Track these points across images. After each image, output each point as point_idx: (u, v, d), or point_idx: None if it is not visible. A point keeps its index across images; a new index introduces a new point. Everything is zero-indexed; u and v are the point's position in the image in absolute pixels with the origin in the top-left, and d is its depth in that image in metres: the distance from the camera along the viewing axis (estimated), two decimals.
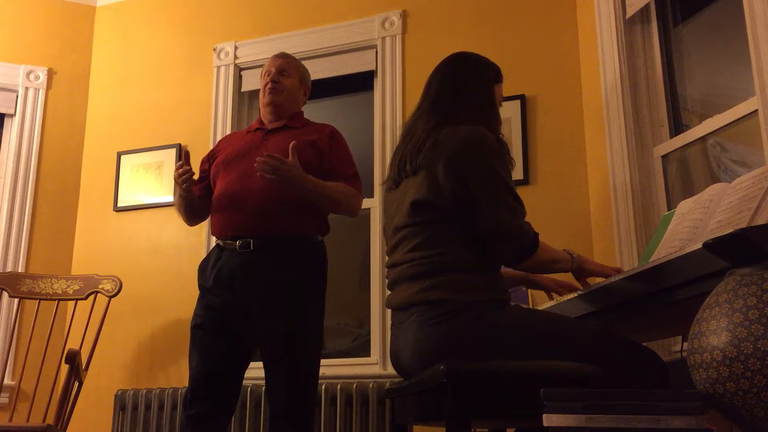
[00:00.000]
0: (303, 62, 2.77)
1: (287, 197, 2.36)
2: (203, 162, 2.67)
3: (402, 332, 1.93)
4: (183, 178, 2.41)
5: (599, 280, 2.01)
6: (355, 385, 2.98)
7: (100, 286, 3.27)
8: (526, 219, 1.91)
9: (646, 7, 2.92)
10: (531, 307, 2.75)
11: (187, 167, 2.41)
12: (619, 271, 2.03)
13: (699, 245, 1.41)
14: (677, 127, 2.81)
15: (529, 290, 2.92)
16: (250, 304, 2.34)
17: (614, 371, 1.75)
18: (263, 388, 2.88)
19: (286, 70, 2.62)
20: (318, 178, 2.38)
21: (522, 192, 2.96)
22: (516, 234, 1.86)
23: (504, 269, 2.03)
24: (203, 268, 2.46)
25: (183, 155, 2.44)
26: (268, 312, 2.32)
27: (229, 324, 2.37)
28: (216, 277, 2.40)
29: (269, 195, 2.36)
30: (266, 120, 2.61)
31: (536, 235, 1.91)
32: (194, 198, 2.55)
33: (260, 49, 3.76)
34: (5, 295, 3.41)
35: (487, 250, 1.87)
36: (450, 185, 1.87)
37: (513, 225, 1.86)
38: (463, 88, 2.04)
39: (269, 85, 2.58)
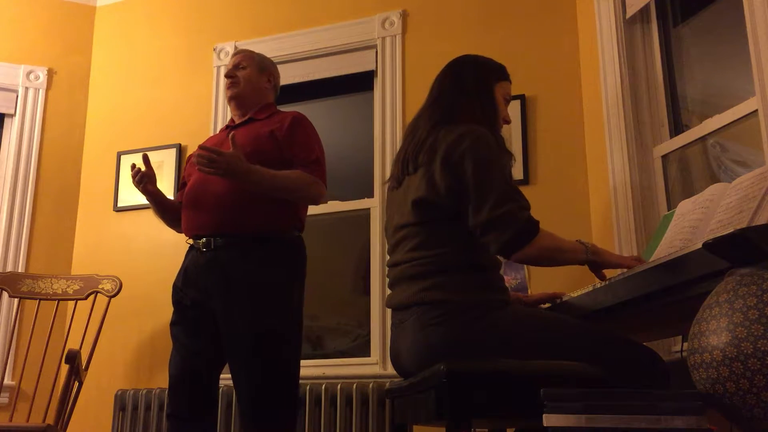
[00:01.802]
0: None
1: (248, 193, 2.31)
2: (184, 170, 2.65)
3: (402, 332, 1.93)
4: (136, 180, 2.40)
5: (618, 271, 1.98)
6: (355, 385, 2.97)
7: (100, 286, 3.28)
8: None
9: (646, 7, 2.92)
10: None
11: (138, 169, 2.40)
12: (639, 260, 1.93)
13: (699, 245, 1.41)
14: (677, 127, 2.81)
15: (528, 279, 2.93)
16: (214, 303, 2.31)
17: (614, 371, 1.75)
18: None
19: (240, 63, 2.60)
20: (272, 168, 2.31)
21: (522, 192, 3.00)
22: (501, 219, 1.79)
23: None
24: (181, 267, 2.46)
25: (143, 158, 2.43)
26: (231, 312, 2.28)
27: (200, 323, 2.35)
28: (184, 276, 2.40)
29: (228, 192, 2.32)
30: (235, 117, 2.60)
31: (532, 220, 1.83)
32: (166, 203, 2.54)
33: (260, 49, 3.72)
34: (5, 295, 3.41)
35: (482, 242, 1.83)
36: (446, 182, 1.87)
37: (499, 211, 1.79)
38: (463, 88, 2.05)
39: (227, 82, 2.58)
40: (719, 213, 1.78)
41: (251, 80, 2.58)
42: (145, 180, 2.42)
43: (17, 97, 3.93)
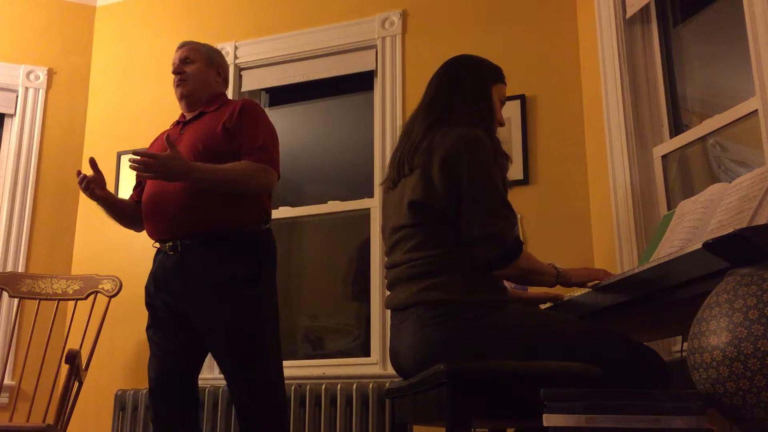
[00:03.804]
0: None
1: (205, 191, 2.26)
2: None
3: (401, 332, 1.93)
4: (82, 186, 2.35)
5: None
6: (355, 385, 2.98)
7: (100, 286, 3.27)
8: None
9: (646, 7, 2.92)
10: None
11: (83, 175, 2.35)
12: (607, 273, 2.00)
13: (699, 245, 1.41)
14: (677, 127, 2.81)
15: None
16: (184, 305, 2.30)
17: (614, 371, 1.75)
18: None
19: (188, 57, 2.52)
20: (228, 161, 2.26)
21: (522, 192, 3.02)
22: (493, 238, 1.83)
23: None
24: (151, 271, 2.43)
25: (90, 162, 2.37)
26: (202, 312, 2.27)
27: (173, 324, 2.34)
28: (153, 279, 2.38)
29: (185, 194, 2.27)
30: (185, 112, 2.54)
31: (518, 242, 1.88)
32: (120, 204, 2.51)
33: (260, 49, 3.76)
34: (5, 295, 3.41)
35: (469, 252, 1.86)
36: (444, 187, 1.87)
37: (492, 229, 1.83)
38: (459, 89, 2.04)
39: (175, 79, 2.50)
40: (719, 213, 1.78)
41: (200, 75, 2.50)
42: (92, 186, 2.36)
43: (17, 97, 3.93)
